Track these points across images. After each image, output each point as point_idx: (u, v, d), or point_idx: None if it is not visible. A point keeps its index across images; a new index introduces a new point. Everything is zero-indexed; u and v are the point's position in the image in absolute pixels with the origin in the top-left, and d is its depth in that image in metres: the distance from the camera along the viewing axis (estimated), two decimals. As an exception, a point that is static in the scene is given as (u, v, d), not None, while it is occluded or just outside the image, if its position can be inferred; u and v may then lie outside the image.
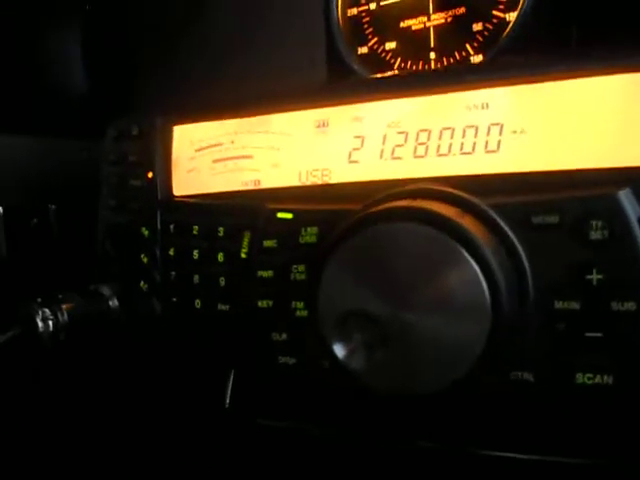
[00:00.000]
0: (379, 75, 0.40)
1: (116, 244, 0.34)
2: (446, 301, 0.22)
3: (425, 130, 0.29)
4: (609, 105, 0.26)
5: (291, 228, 0.28)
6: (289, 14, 0.52)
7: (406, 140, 0.29)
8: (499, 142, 0.27)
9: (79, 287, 0.33)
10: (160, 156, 0.34)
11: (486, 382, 0.23)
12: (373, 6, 0.46)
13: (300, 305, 0.27)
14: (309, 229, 0.28)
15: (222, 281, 0.31)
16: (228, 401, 0.35)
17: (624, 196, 0.23)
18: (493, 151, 0.27)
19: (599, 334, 0.23)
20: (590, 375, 0.23)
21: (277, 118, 0.32)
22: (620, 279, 0.23)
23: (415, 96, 0.30)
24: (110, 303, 0.33)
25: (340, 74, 0.47)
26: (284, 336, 0.28)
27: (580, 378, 0.23)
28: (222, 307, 0.30)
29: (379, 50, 0.45)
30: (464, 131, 0.28)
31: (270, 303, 0.28)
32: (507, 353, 0.23)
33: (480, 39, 0.41)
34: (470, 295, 0.21)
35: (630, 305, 0.23)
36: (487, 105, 0.28)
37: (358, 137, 0.30)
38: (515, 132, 0.28)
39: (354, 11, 0.47)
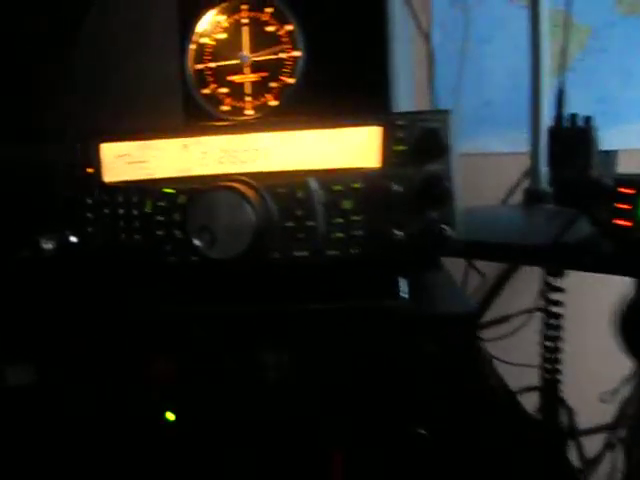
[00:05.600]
0: (216, 123, 0.68)
1: (70, 208, 0.62)
2: (238, 222, 0.54)
3: (236, 150, 0.61)
4: (321, 141, 0.59)
5: (172, 197, 0.59)
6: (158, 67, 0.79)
7: (226, 154, 0.61)
8: (265, 156, 0.60)
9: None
10: (95, 160, 0.62)
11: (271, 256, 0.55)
12: (212, 65, 0.71)
13: (178, 231, 0.58)
14: (181, 196, 0.59)
15: (136, 223, 0.60)
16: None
17: (312, 181, 0.58)
18: (257, 160, 0.60)
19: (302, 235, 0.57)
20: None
21: (163, 141, 0.59)
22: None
23: (232, 134, 0.61)
24: (70, 238, 0.60)
25: (191, 108, 0.73)
26: (169, 247, 0.59)
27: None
28: (137, 237, 0.60)
29: (216, 92, 0.70)
30: (252, 151, 0.61)
31: (162, 231, 0.59)
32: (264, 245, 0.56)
33: (275, 91, 0.68)
34: (247, 220, 0.53)
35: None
36: (262, 140, 0.61)
37: (204, 153, 0.62)
38: (273, 153, 0.61)
39: (200, 66, 0.72)
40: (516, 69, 1.03)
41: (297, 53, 0.69)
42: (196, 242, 0.52)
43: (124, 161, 0.61)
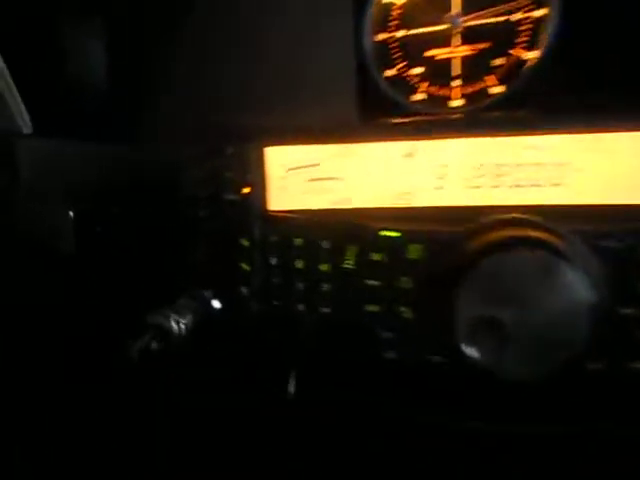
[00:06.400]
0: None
1: (211, 252, 0.38)
2: (557, 306, 0.28)
3: (503, 165, 0.35)
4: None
5: (397, 245, 0.34)
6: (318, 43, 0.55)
7: (485, 172, 0.36)
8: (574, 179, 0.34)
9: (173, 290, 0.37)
10: (255, 174, 0.38)
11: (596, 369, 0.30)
12: (400, 34, 0.52)
13: (406, 309, 0.33)
14: (414, 246, 0.33)
15: (325, 288, 0.36)
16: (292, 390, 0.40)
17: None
18: (557, 184, 0.34)
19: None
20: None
21: (369, 146, 0.38)
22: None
23: (490, 136, 0.36)
24: (212, 304, 0.37)
25: (368, 97, 0.53)
26: (389, 334, 0.34)
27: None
28: (325, 310, 0.36)
29: (406, 74, 0.52)
30: (531, 168, 0.35)
31: (377, 307, 0.34)
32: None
33: (501, 72, 0.48)
34: (578, 307, 0.28)
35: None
36: (561, 147, 0.35)
37: (443, 166, 0.36)
38: (576, 170, 0.35)
39: (383, 36, 0.53)
40: None
41: (542, 12, 0.48)
42: (469, 350, 0.27)
43: (301, 177, 0.37)
